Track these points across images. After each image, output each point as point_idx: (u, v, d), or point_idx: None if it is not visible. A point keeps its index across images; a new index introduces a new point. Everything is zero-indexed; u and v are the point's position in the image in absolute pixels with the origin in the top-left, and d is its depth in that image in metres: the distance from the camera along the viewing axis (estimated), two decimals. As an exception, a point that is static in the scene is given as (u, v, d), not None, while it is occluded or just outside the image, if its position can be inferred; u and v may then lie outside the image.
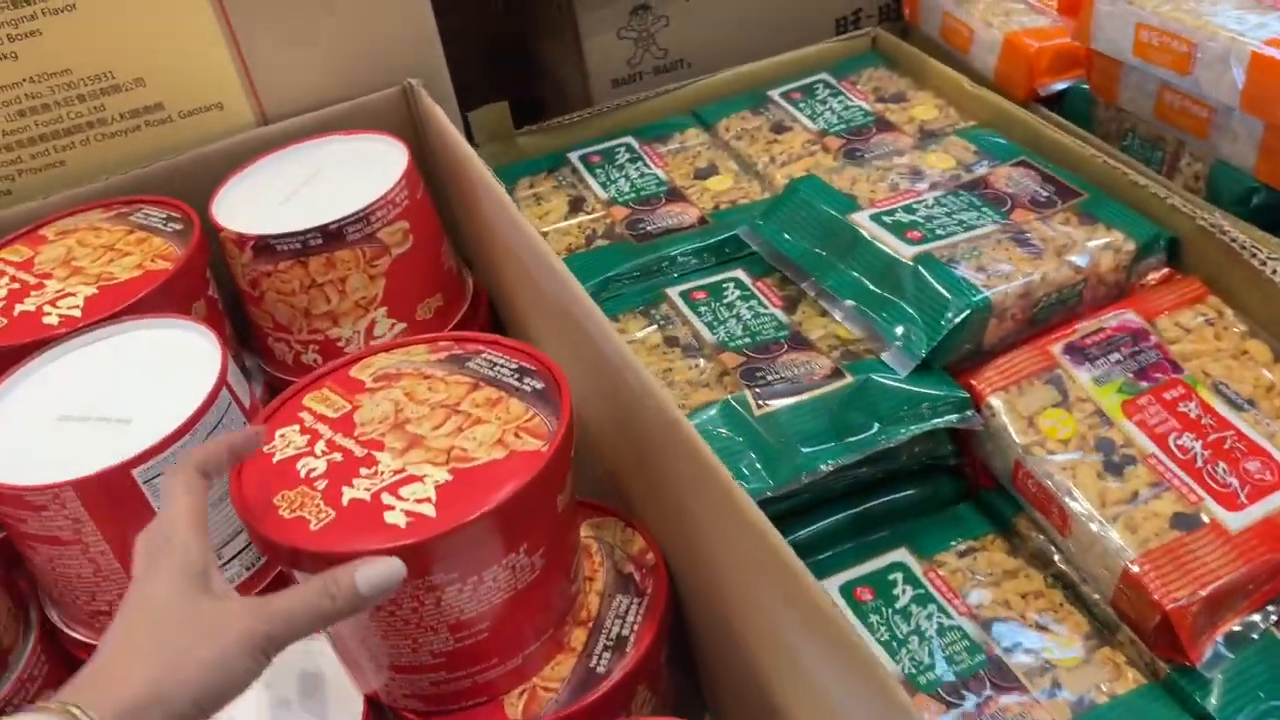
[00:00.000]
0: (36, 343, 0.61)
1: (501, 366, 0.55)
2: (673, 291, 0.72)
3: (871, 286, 0.67)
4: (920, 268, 0.65)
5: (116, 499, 0.52)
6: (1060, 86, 0.81)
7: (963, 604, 0.59)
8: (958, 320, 0.62)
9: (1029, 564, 0.61)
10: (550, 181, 0.86)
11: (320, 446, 0.52)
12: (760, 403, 0.62)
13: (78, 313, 0.63)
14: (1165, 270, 0.68)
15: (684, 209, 0.80)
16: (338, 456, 0.51)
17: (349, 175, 0.72)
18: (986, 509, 0.65)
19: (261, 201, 0.71)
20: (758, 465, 0.59)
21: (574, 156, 0.88)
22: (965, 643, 0.57)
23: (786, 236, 0.72)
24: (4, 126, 0.72)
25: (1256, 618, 0.54)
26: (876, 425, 0.61)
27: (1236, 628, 0.53)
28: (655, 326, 0.70)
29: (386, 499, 0.48)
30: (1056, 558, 0.60)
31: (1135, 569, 0.54)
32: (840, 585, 0.61)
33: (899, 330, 0.64)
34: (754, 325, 0.68)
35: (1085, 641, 0.56)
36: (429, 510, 0.47)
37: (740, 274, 0.73)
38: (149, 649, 0.39)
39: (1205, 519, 0.55)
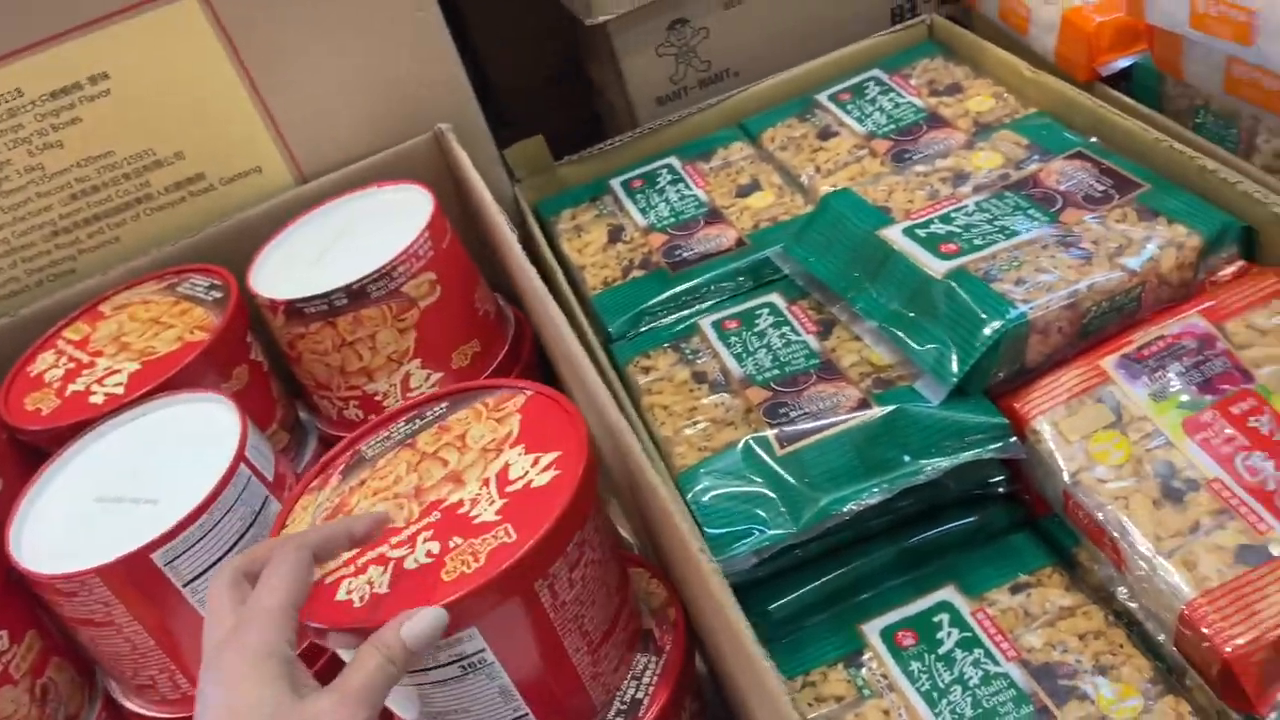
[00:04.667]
0: (82, 423, 0.64)
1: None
2: (705, 322, 0.70)
3: (903, 308, 0.63)
4: (953, 284, 0.61)
5: (140, 583, 0.54)
6: (1124, 64, 0.75)
7: (1012, 648, 0.55)
8: (992, 341, 0.58)
9: (1090, 599, 0.57)
10: (592, 211, 0.85)
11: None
12: (783, 443, 0.59)
13: (121, 390, 0.66)
14: (1239, 264, 0.62)
15: (722, 231, 0.77)
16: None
17: (378, 229, 0.73)
18: (1044, 538, 0.61)
19: (295, 263, 0.73)
20: (781, 509, 0.57)
21: (616, 183, 0.86)
22: (1012, 692, 0.53)
23: (818, 257, 0.69)
24: (60, 211, 0.76)
25: (1338, 662, 0.48)
26: (908, 459, 0.57)
27: (1313, 675, 0.48)
28: (684, 362, 0.68)
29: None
30: (1119, 593, 0.55)
31: (1192, 610, 0.49)
32: (882, 629, 0.58)
33: (931, 354, 0.60)
34: (784, 355, 0.65)
35: (1148, 688, 0.52)
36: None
37: (776, 298, 0.70)
38: None
39: (1276, 551, 0.50)
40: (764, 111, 0.89)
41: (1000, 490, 0.62)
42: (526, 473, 0.49)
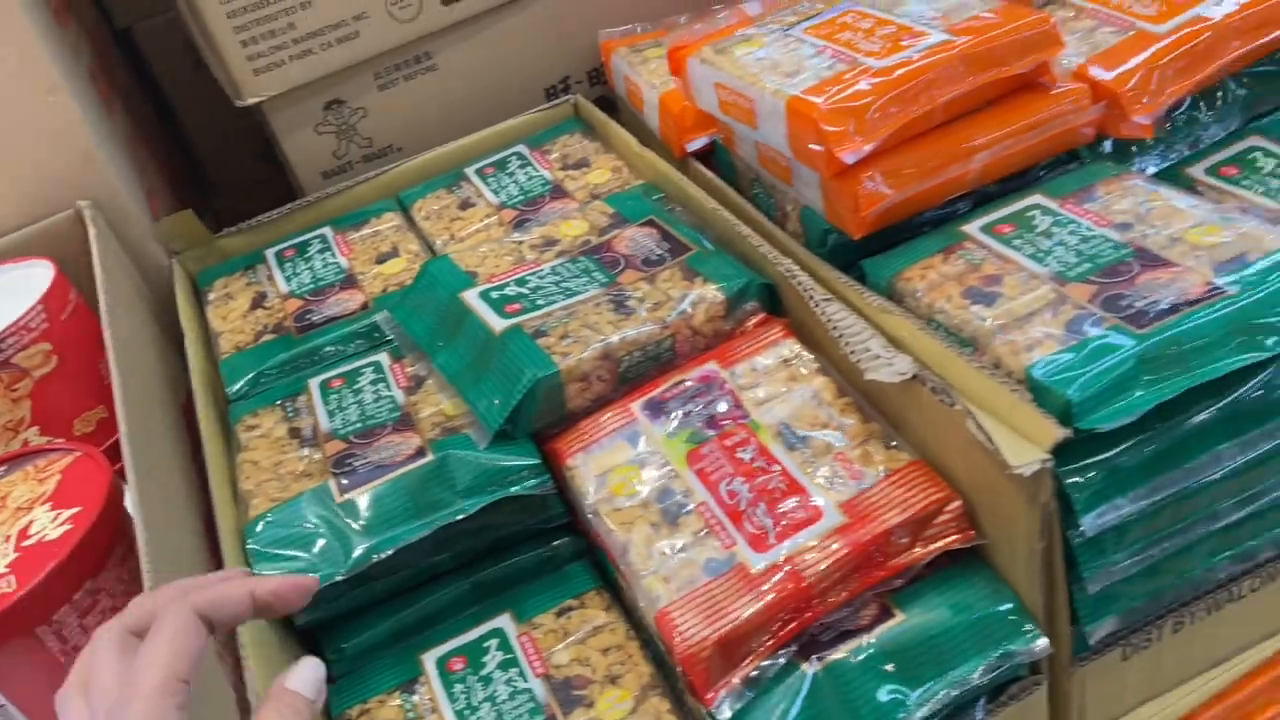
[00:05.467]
0: None
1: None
2: (314, 381, 0.75)
3: (471, 363, 0.69)
4: (505, 341, 0.68)
5: None
6: (702, 142, 0.84)
7: (543, 665, 0.61)
8: (525, 389, 0.65)
9: (621, 618, 0.63)
10: (244, 280, 0.89)
11: None
12: (343, 491, 0.64)
13: None
14: (760, 316, 0.71)
15: (352, 295, 0.83)
16: None
17: (-2, 305, 0.76)
18: (598, 564, 0.67)
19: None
20: (332, 552, 0.62)
21: (270, 253, 0.91)
22: (530, 705, 0.59)
23: (413, 319, 0.75)
24: None
25: (780, 657, 0.56)
26: (454, 499, 0.64)
27: (756, 671, 0.55)
28: (285, 419, 0.73)
29: None
30: (638, 608, 0.62)
31: (661, 616, 0.56)
32: (438, 657, 0.63)
33: (482, 404, 0.66)
34: (371, 410, 0.71)
35: (641, 692, 0.58)
36: None
37: (383, 357, 0.76)
38: None
39: (733, 562, 0.57)
40: (420, 184, 0.96)
41: (564, 523, 0.68)
42: (45, 528, 0.53)
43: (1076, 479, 0.53)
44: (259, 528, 0.63)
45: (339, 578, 0.61)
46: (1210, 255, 0.58)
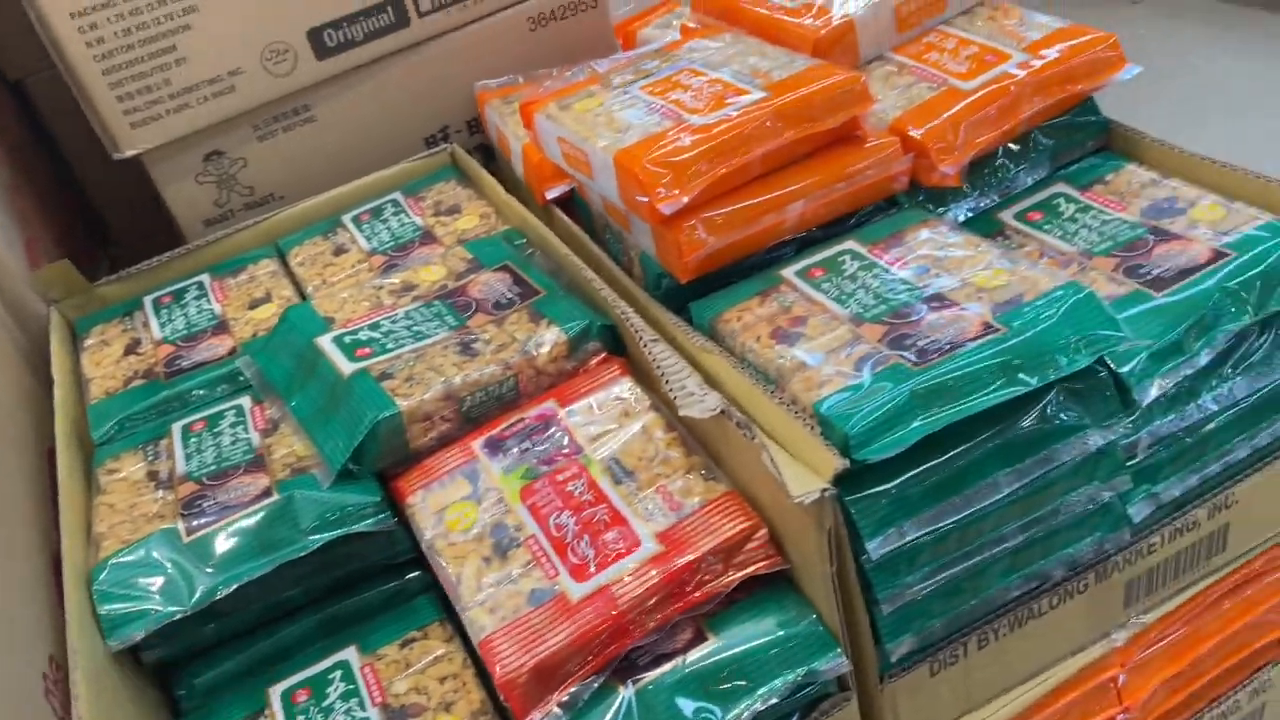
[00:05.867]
0: None
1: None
2: (177, 425, 0.78)
3: (322, 406, 0.72)
4: (352, 384, 0.71)
5: None
6: (561, 190, 0.89)
7: (382, 694, 0.64)
8: (365, 430, 0.68)
9: (462, 648, 0.66)
10: (120, 327, 0.91)
11: None
12: (190, 532, 0.67)
13: None
14: (601, 356, 0.75)
15: (222, 341, 0.86)
16: None
17: None
18: (444, 597, 0.70)
19: None
20: (177, 590, 0.64)
21: (149, 299, 0.93)
22: (363, 733, 0.61)
23: (272, 363, 0.78)
24: None
25: (596, 680, 0.59)
26: (298, 537, 0.66)
27: (570, 696, 0.58)
28: (145, 462, 0.75)
29: None
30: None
31: (484, 645, 0.59)
32: (284, 690, 0.66)
33: (327, 445, 0.70)
34: (228, 452, 0.74)
35: (471, 718, 0.61)
36: None
37: (245, 401, 0.79)
38: None
39: (555, 592, 0.61)
40: (299, 230, 0.99)
41: (413, 559, 0.71)
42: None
43: (862, 506, 0.57)
44: (105, 569, 0.65)
45: (180, 616, 0.63)
46: (991, 297, 0.63)
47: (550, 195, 0.88)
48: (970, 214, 0.77)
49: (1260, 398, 0.67)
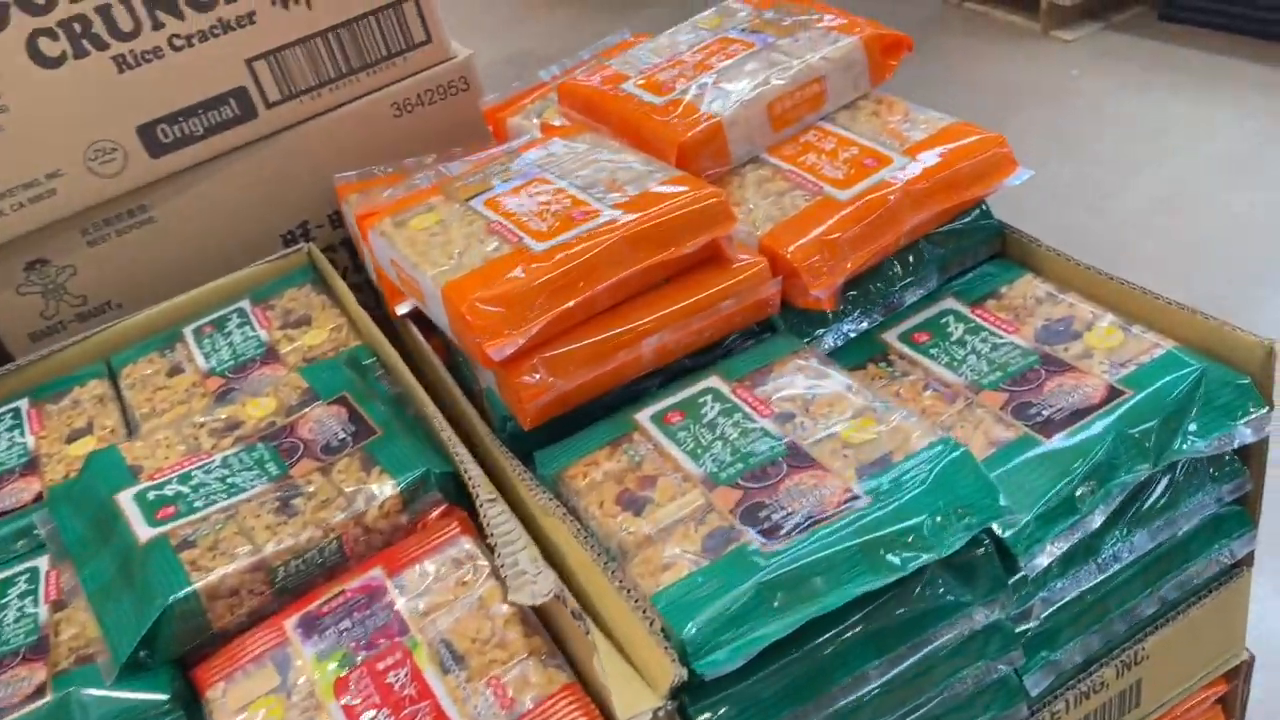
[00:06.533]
0: None
1: None
2: (-40, 594, 0.68)
3: (114, 579, 0.63)
4: (147, 554, 0.62)
5: None
6: (411, 305, 0.80)
7: None
8: (155, 616, 0.59)
9: None
10: (-78, 464, 0.81)
11: None
12: (-55, 740, 0.57)
13: None
14: (443, 508, 0.66)
15: (29, 484, 0.76)
16: None
17: None
18: (256, 799, 0.61)
19: None
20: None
21: (-43, 431, 0.84)
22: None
23: (70, 521, 0.69)
24: None
25: None
26: (77, 748, 0.57)
27: None
28: (-86, 645, 0.65)
29: None
30: None
31: None
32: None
33: (115, 630, 0.60)
34: (10, 632, 0.64)
35: None
36: None
37: (42, 563, 0.69)
38: None
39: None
40: (136, 345, 0.89)
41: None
42: None
43: (707, 715, 0.49)
44: None
45: None
46: (857, 455, 0.55)
47: (401, 310, 0.80)
48: (852, 334, 0.70)
49: (1165, 548, 0.61)
